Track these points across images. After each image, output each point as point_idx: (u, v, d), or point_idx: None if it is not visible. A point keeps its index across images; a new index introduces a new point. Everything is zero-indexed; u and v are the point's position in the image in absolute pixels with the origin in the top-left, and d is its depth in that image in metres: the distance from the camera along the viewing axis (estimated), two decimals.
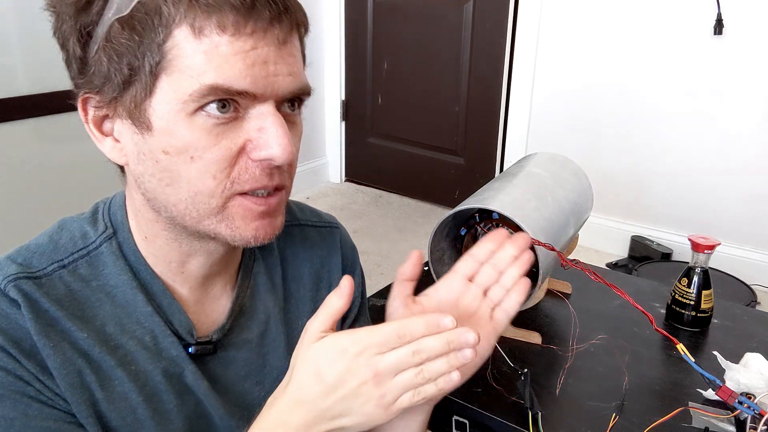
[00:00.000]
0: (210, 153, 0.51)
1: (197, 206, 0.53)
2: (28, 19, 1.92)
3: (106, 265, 0.58)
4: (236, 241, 0.55)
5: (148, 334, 0.58)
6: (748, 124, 2.14)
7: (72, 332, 0.54)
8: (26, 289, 0.53)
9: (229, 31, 0.48)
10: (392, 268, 2.37)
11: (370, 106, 3.16)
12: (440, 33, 2.80)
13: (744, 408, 0.72)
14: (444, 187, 3.02)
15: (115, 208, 0.61)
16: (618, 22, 2.29)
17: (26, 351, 0.52)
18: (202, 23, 0.48)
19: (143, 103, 0.50)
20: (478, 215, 0.93)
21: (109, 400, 0.55)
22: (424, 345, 0.50)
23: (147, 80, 0.49)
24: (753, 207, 2.20)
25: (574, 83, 2.45)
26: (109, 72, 0.50)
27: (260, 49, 0.49)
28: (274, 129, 0.51)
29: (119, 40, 0.49)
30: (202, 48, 0.48)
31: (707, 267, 1.01)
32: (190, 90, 0.49)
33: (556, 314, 1.07)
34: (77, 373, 0.54)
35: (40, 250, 0.57)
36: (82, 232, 0.59)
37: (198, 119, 0.50)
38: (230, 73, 0.49)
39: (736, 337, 1.01)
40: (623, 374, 0.89)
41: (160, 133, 0.51)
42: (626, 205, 2.47)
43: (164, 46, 0.48)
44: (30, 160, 1.99)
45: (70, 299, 0.55)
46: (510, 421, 0.80)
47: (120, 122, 0.53)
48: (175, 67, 0.49)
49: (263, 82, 0.50)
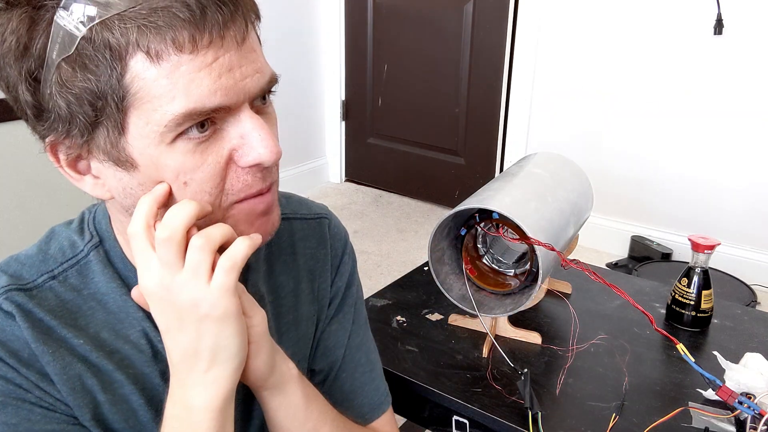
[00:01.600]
0: (200, 173, 0.50)
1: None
2: None
3: (95, 273, 0.58)
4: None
5: (143, 337, 0.58)
6: (749, 124, 2.14)
7: (68, 339, 0.54)
8: (19, 301, 0.53)
9: (187, 49, 0.45)
10: (392, 268, 2.38)
11: (370, 106, 3.16)
12: (440, 33, 2.80)
13: (744, 408, 0.72)
14: (444, 187, 3.02)
15: (100, 217, 0.60)
16: (618, 22, 2.29)
17: (25, 360, 0.52)
18: (157, 47, 0.45)
19: (119, 142, 0.48)
20: (478, 215, 0.93)
21: (111, 402, 0.56)
22: (160, 226, 0.49)
23: (116, 118, 0.47)
24: (753, 207, 2.20)
25: (574, 83, 2.45)
26: (72, 116, 0.47)
27: (222, 58, 0.47)
28: (256, 132, 0.50)
29: (73, 82, 0.46)
30: (163, 73, 0.45)
31: (707, 267, 1.01)
32: (163, 121, 0.47)
33: (556, 314, 1.07)
34: (78, 378, 0.54)
35: (29, 261, 0.57)
36: (71, 242, 0.59)
37: (179, 145, 0.48)
38: (199, 93, 0.46)
39: (736, 337, 1.01)
40: (623, 374, 0.89)
41: (146, 167, 0.49)
42: (626, 205, 2.47)
43: (124, 80, 0.46)
44: (30, 160, 1.99)
45: (63, 309, 0.55)
46: (510, 421, 0.80)
47: (97, 162, 0.51)
48: (141, 100, 0.46)
49: (233, 90, 0.48)
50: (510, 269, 0.99)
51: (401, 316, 1.05)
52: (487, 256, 0.99)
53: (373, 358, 0.78)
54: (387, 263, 2.44)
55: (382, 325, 1.02)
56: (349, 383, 0.73)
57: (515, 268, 0.99)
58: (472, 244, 0.98)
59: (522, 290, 0.94)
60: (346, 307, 0.75)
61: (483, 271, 0.98)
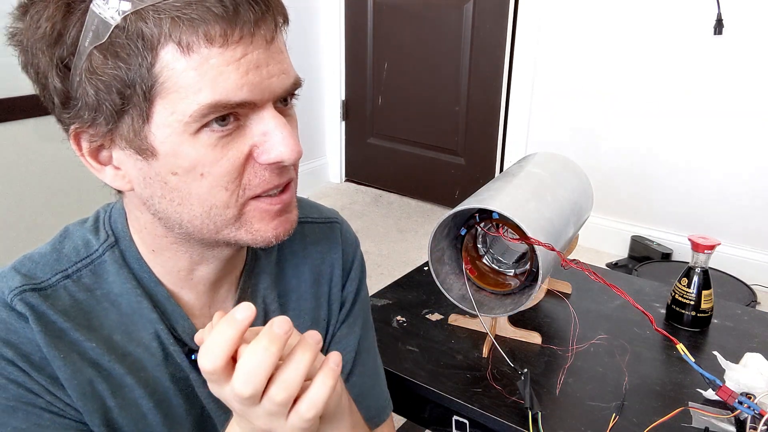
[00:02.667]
0: (219, 167, 0.50)
1: (213, 219, 0.53)
2: None
3: (109, 274, 0.58)
4: (257, 244, 0.55)
5: (155, 340, 0.58)
6: (749, 124, 2.14)
7: (80, 342, 0.54)
8: (33, 302, 0.53)
9: (217, 42, 0.47)
10: (392, 268, 2.38)
11: (370, 106, 3.16)
12: (440, 33, 2.80)
13: (744, 408, 0.72)
14: (444, 187, 3.02)
15: (116, 216, 0.60)
16: (618, 21, 2.29)
17: (36, 364, 0.52)
18: (188, 39, 0.46)
19: (142, 131, 0.49)
20: (478, 215, 0.93)
21: (121, 407, 0.56)
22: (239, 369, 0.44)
23: (142, 107, 0.48)
24: (753, 207, 2.20)
25: (574, 83, 2.45)
26: (99, 104, 0.48)
27: (250, 55, 0.48)
28: (278, 131, 0.51)
29: (104, 70, 0.47)
30: (192, 65, 0.47)
31: (707, 267, 1.01)
32: (189, 111, 0.47)
33: (556, 314, 1.07)
34: (88, 383, 0.54)
35: (43, 260, 0.57)
36: (85, 241, 0.59)
37: (202, 137, 0.49)
38: (226, 86, 0.47)
39: (736, 337, 1.01)
40: (623, 374, 0.89)
41: (165, 156, 0.50)
42: (626, 205, 2.47)
43: (153, 70, 0.47)
44: (31, 160, 1.99)
45: (76, 310, 0.55)
46: (510, 421, 0.80)
47: (119, 151, 0.51)
48: (168, 90, 0.47)
49: (259, 87, 0.49)
50: (510, 269, 0.99)
51: (401, 316, 1.05)
52: (487, 256, 0.99)
53: (378, 363, 0.79)
54: (387, 263, 2.44)
55: (382, 325, 1.02)
56: (358, 388, 0.73)
57: (515, 268, 0.99)
58: (472, 244, 0.98)
59: (522, 290, 0.94)
60: (355, 312, 0.76)
61: (483, 271, 0.98)
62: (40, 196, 2.02)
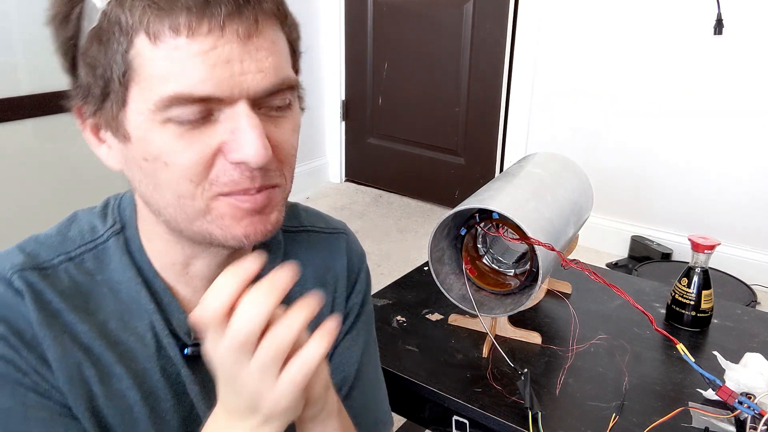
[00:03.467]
0: (182, 157, 0.49)
1: (184, 208, 0.52)
2: (30, 19, 1.92)
3: (112, 260, 0.58)
4: (228, 241, 0.53)
5: (150, 331, 0.58)
6: (749, 124, 2.14)
7: (74, 324, 0.54)
8: (31, 280, 0.53)
9: (183, 33, 0.46)
10: (393, 268, 2.38)
11: (370, 106, 3.16)
12: (440, 33, 2.80)
13: (744, 408, 0.72)
14: (444, 187, 3.02)
15: (125, 204, 0.61)
16: (618, 22, 2.29)
17: (27, 342, 0.52)
18: (156, 28, 0.46)
19: (119, 114, 0.50)
20: (478, 215, 0.93)
21: (107, 395, 0.55)
22: (235, 319, 0.45)
23: (119, 91, 0.49)
24: (753, 207, 2.20)
25: (574, 83, 2.45)
26: (88, 84, 0.50)
27: (220, 49, 0.47)
28: (246, 131, 0.48)
29: (90, 52, 0.49)
30: (160, 54, 0.47)
31: (707, 267, 1.01)
32: (153, 100, 0.47)
33: (556, 314, 1.07)
34: (76, 367, 0.54)
35: (48, 241, 0.58)
36: (91, 226, 0.60)
37: (169, 126, 0.49)
38: (190, 79, 0.47)
39: (736, 337, 1.01)
40: (623, 374, 0.89)
41: (137, 141, 0.50)
42: (626, 205, 2.47)
43: (128, 56, 0.47)
44: (30, 160, 1.99)
45: (74, 292, 0.56)
46: (510, 421, 0.80)
47: (106, 131, 0.53)
48: (140, 77, 0.48)
49: (228, 83, 0.47)
50: (510, 269, 0.99)
51: (401, 316, 1.05)
52: (487, 256, 0.99)
53: (380, 378, 0.78)
54: (387, 263, 2.44)
55: (382, 324, 1.02)
56: (361, 400, 0.73)
57: (515, 268, 0.99)
58: (472, 244, 0.98)
59: (522, 290, 0.94)
60: (359, 325, 0.75)
61: (483, 271, 0.98)
62: (40, 196, 2.01)
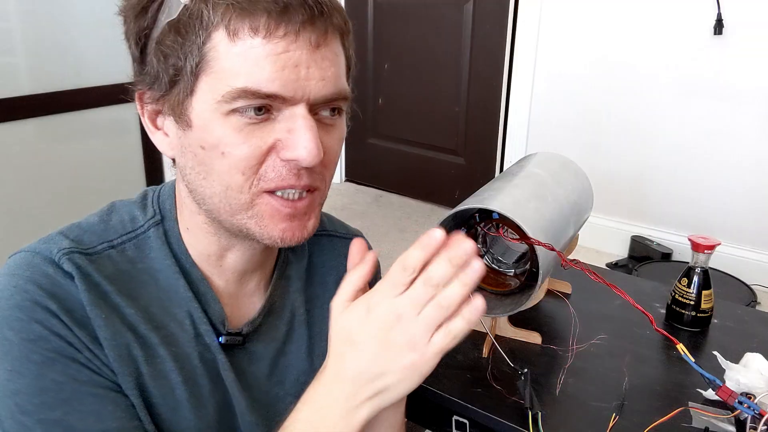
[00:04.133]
0: (239, 150, 0.53)
1: (229, 200, 0.55)
2: (32, 19, 1.92)
3: (152, 249, 0.60)
4: (265, 239, 0.57)
5: (188, 318, 0.60)
6: (749, 124, 2.13)
7: (121, 307, 0.56)
8: (79, 263, 0.55)
9: (261, 34, 0.50)
10: None
11: (370, 106, 3.16)
12: (440, 33, 2.80)
13: (744, 408, 0.72)
14: (444, 187, 3.02)
15: (165, 196, 0.63)
16: (618, 22, 2.29)
17: (78, 320, 0.53)
18: (236, 26, 0.50)
19: (185, 102, 0.53)
20: (478, 215, 0.93)
21: (152, 375, 0.57)
22: (432, 272, 0.49)
23: (189, 80, 0.52)
24: (753, 207, 2.20)
25: (573, 83, 2.45)
26: (158, 72, 0.53)
27: (291, 52, 0.51)
28: (302, 132, 0.53)
29: (166, 42, 0.52)
30: (236, 50, 0.50)
31: (707, 267, 1.01)
32: (223, 92, 0.51)
33: (556, 314, 1.07)
34: (125, 347, 0.56)
35: (91, 228, 0.59)
36: (132, 216, 0.62)
37: (231, 119, 0.52)
38: (260, 76, 0.50)
39: (736, 337, 1.01)
40: (623, 374, 0.89)
41: (197, 129, 0.54)
42: (626, 205, 2.47)
43: (203, 48, 0.51)
44: (32, 160, 1.99)
45: (119, 276, 0.58)
46: (510, 421, 0.80)
47: (167, 118, 0.56)
48: (212, 69, 0.51)
49: (293, 85, 0.51)
50: (510, 269, 0.99)
51: None
52: (487, 256, 0.99)
53: None
54: (387, 263, 2.44)
55: None
56: None
57: (515, 268, 0.99)
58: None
59: (522, 290, 0.94)
60: None
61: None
62: (40, 196, 2.02)
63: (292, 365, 0.68)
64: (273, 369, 0.67)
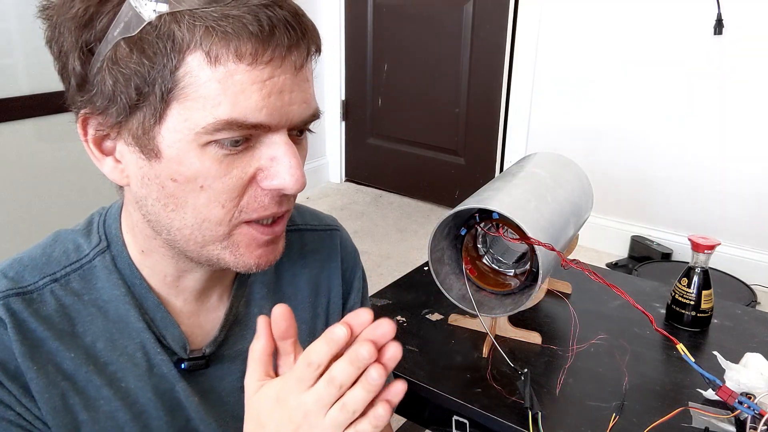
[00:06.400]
0: (220, 182, 0.49)
1: (203, 232, 0.52)
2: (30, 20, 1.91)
3: (99, 279, 0.57)
4: (239, 268, 0.54)
5: (140, 350, 0.57)
6: (748, 124, 2.14)
7: (58, 353, 0.53)
8: (14, 308, 0.52)
9: (246, 60, 0.46)
10: (392, 269, 2.37)
11: (370, 106, 3.16)
12: (440, 33, 2.80)
13: (744, 408, 0.72)
14: (444, 187, 3.02)
15: (111, 220, 0.60)
16: (618, 23, 2.29)
17: (10, 373, 0.51)
18: (218, 50, 0.45)
19: (152, 130, 0.48)
20: (478, 215, 0.93)
21: (94, 420, 0.55)
22: (334, 371, 0.43)
23: (157, 107, 0.47)
24: (753, 207, 2.20)
25: (573, 83, 2.45)
26: (114, 94, 0.47)
27: (277, 78, 0.47)
28: (286, 159, 0.50)
29: (127, 63, 0.46)
30: (216, 76, 0.46)
31: (707, 267, 1.01)
32: (203, 123, 0.47)
33: (556, 314, 1.07)
34: (60, 397, 0.53)
35: (32, 263, 0.56)
36: (76, 245, 0.58)
37: (210, 149, 0.48)
38: (246, 105, 0.47)
39: (736, 337, 1.01)
40: (623, 374, 0.89)
41: (169, 161, 0.49)
42: (626, 205, 2.47)
43: (177, 73, 0.46)
44: (30, 160, 1.99)
45: (61, 315, 0.54)
46: (510, 421, 0.80)
47: (123, 144, 0.51)
48: (187, 96, 0.47)
49: (278, 112, 0.48)
50: (510, 269, 0.99)
51: (401, 316, 1.05)
52: (487, 256, 0.99)
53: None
54: (387, 263, 2.44)
55: None
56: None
57: (515, 268, 0.98)
58: (472, 244, 0.98)
59: (522, 290, 0.94)
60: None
61: (483, 271, 0.98)
62: (40, 196, 2.01)
63: None
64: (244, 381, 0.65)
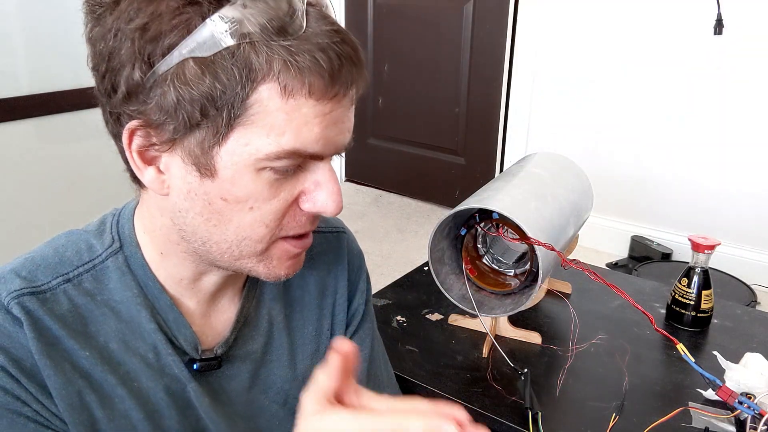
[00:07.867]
0: (269, 204, 0.52)
1: (242, 248, 0.54)
2: (31, 20, 1.92)
3: (111, 280, 0.57)
4: (269, 278, 0.57)
5: (151, 351, 0.58)
6: (749, 124, 2.13)
7: (74, 351, 0.54)
8: (30, 307, 0.52)
9: (315, 95, 0.48)
10: (392, 269, 2.37)
11: (370, 106, 3.16)
12: (440, 33, 2.80)
13: (744, 408, 0.72)
14: (444, 187, 3.02)
15: (124, 221, 0.60)
16: (618, 22, 2.29)
17: (27, 371, 0.51)
18: (293, 84, 0.46)
19: (211, 150, 0.49)
20: (478, 215, 0.93)
21: (110, 418, 0.55)
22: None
23: (221, 129, 0.48)
24: (753, 207, 2.20)
25: (573, 83, 2.45)
26: (176, 111, 0.47)
27: (336, 111, 0.50)
28: (330, 185, 0.52)
29: (197, 83, 0.46)
30: (286, 108, 0.47)
31: (707, 267, 1.01)
32: (266, 150, 0.48)
33: (556, 314, 1.07)
34: (77, 394, 0.54)
35: (45, 262, 0.56)
36: (88, 245, 0.58)
37: (264, 174, 0.50)
38: (307, 137, 0.48)
39: (736, 337, 1.01)
40: (623, 374, 0.89)
41: (223, 180, 0.50)
42: (626, 205, 2.47)
43: (248, 101, 0.47)
44: (31, 160, 1.99)
45: (74, 315, 0.55)
46: (510, 421, 0.80)
47: (172, 157, 0.50)
48: (254, 123, 0.47)
49: (332, 142, 0.51)
50: (510, 269, 0.99)
51: (401, 316, 1.05)
52: (487, 256, 0.99)
53: (391, 374, 0.79)
54: (387, 263, 2.44)
55: (382, 325, 1.02)
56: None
57: (515, 268, 0.99)
58: (472, 244, 0.98)
59: (522, 290, 0.94)
60: (365, 325, 0.76)
61: (483, 271, 0.98)
62: (40, 196, 2.02)
63: (274, 374, 0.66)
64: (254, 380, 0.65)
